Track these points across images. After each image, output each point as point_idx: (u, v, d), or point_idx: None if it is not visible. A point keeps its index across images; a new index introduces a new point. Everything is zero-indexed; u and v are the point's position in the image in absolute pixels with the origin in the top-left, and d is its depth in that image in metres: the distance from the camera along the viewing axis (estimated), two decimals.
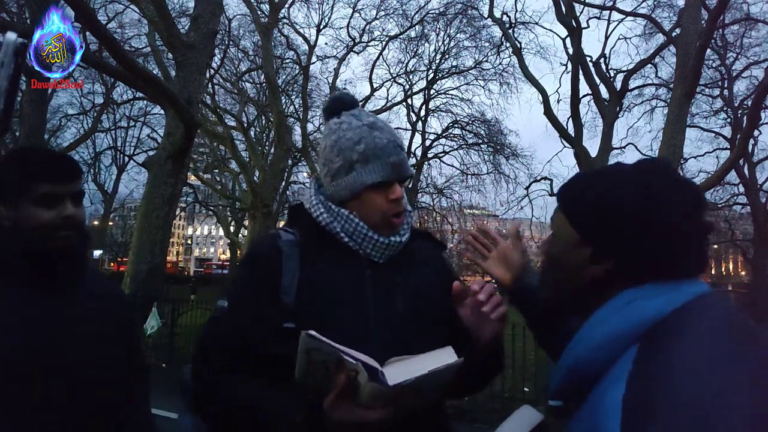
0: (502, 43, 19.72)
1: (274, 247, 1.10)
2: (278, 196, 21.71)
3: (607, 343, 0.65)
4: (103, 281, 1.29)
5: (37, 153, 1.20)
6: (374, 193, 1.08)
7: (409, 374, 0.84)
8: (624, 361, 0.62)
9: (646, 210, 0.69)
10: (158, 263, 9.27)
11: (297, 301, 1.03)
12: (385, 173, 1.07)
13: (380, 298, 1.07)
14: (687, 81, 9.76)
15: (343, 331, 0.98)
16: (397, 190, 1.08)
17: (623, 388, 0.59)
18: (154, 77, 8.75)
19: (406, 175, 1.12)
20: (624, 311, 0.67)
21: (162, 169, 9.23)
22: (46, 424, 1.02)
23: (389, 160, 1.07)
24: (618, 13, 18.40)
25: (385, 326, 1.04)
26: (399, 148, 1.11)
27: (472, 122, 21.43)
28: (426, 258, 1.18)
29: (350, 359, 0.83)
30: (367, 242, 1.08)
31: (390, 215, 1.09)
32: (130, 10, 16.87)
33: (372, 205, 1.09)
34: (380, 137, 1.09)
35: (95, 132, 23.71)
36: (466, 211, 25.26)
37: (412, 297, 1.09)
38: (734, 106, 19.82)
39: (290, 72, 21.60)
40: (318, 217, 1.10)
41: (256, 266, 1.10)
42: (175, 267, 51.80)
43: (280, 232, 1.15)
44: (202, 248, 72.92)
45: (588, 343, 0.67)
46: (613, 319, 0.67)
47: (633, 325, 0.65)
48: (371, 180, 1.07)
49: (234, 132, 19.04)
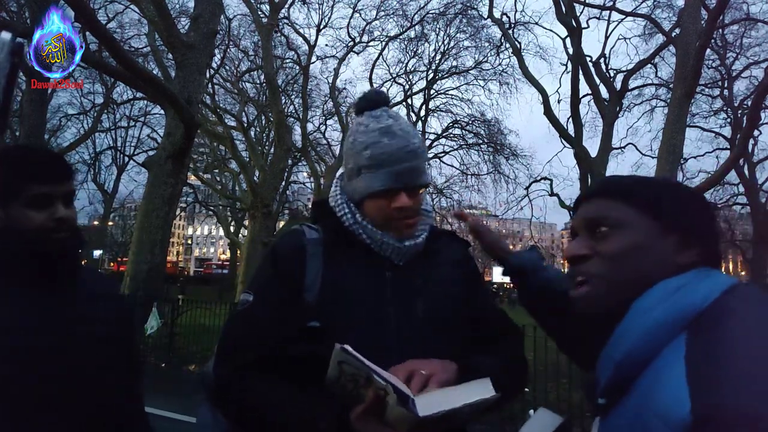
0: (501, 43, 19.73)
1: (298, 245, 1.10)
2: (278, 196, 21.72)
3: (656, 331, 0.66)
4: (102, 281, 1.28)
5: (27, 153, 1.16)
6: (379, 199, 1.08)
7: (441, 406, 0.81)
8: (675, 348, 0.63)
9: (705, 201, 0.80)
10: (158, 263, 9.27)
11: (319, 300, 1.03)
12: (388, 182, 1.06)
13: (400, 299, 1.06)
14: (687, 81, 9.76)
15: (363, 331, 0.98)
16: (402, 199, 1.06)
17: (683, 367, 0.60)
18: (154, 77, 8.74)
19: (416, 184, 1.08)
20: (674, 298, 0.68)
21: (162, 169, 9.23)
22: (46, 424, 1.02)
23: (395, 168, 1.06)
24: (618, 13, 18.41)
25: (405, 328, 1.04)
26: (411, 154, 1.07)
27: (472, 122, 21.46)
28: (449, 257, 1.18)
29: (379, 379, 0.81)
30: (385, 247, 1.08)
31: (397, 220, 1.08)
32: (130, 10, 16.89)
33: (378, 209, 1.09)
34: (389, 144, 1.07)
35: (95, 132, 23.71)
36: (466, 211, 25.26)
37: (433, 299, 1.08)
38: (734, 106, 19.81)
39: (290, 72, 21.62)
40: (342, 217, 1.11)
41: (280, 263, 1.10)
42: (175, 267, 51.83)
43: (304, 229, 1.14)
44: (202, 248, 72.92)
45: (637, 332, 0.67)
46: (662, 307, 0.67)
47: (683, 312, 0.66)
48: (374, 188, 1.07)
49: (234, 132, 19.04)
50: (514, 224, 53.78)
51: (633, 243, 0.75)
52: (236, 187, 24.22)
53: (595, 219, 0.79)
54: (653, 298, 0.69)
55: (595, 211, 0.80)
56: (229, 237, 29.34)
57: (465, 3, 19.19)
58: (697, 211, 0.77)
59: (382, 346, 0.99)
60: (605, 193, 0.81)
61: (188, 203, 28.60)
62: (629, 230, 0.76)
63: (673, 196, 0.78)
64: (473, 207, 25.55)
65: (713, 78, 19.76)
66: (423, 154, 1.10)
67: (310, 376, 0.96)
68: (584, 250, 0.78)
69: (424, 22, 19.86)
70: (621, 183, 0.82)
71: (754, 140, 20.42)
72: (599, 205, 0.80)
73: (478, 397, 0.85)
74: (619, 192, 0.79)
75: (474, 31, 19.91)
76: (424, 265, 1.12)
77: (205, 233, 67.33)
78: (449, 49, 20.85)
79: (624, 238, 0.75)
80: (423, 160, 1.10)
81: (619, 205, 0.78)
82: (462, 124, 21.77)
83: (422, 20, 19.80)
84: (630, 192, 0.79)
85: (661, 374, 0.62)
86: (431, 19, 19.84)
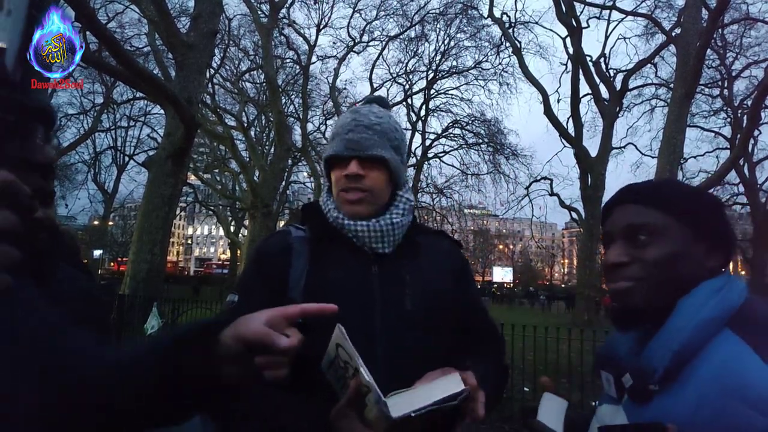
0: (501, 42, 19.77)
1: (283, 243, 1.10)
2: (278, 195, 21.73)
3: (707, 326, 0.75)
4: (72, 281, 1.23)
5: None
6: (336, 169, 1.12)
7: (413, 405, 0.83)
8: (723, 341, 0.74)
9: (724, 208, 0.88)
10: (158, 263, 9.28)
11: (305, 298, 1.03)
12: (337, 148, 1.10)
13: (387, 295, 1.06)
14: (687, 81, 9.76)
15: (350, 328, 0.98)
16: (351, 166, 1.08)
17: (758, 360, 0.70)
18: (154, 77, 8.74)
19: (365, 153, 1.09)
20: (718, 298, 0.77)
21: (162, 169, 9.24)
22: None
23: (345, 136, 1.10)
24: (618, 12, 18.42)
25: (391, 324, 1.03)
26: (364, 127, 1.10)
27: (472, 122, 21.49)
28: (438, 253, 1.17)
29: (365, 374, 0.82)
30: (360, 234, 1.08)
31: (344, 192, 1.10)
32: (130, 10, 16.91)
33: (334, 183, 1.12)
34: (347, 117, 1.14)
35: (95, 132, 23.77)
36: (466, 211, 25.29)
37: (421, 295, 1.08)
38: (734, 106, 19.83)
39: (290, 72, 21.64)
40: (327, 213, 1.12)
41: (264, 262, 1.11)
42: (175, 267, 51.84)
43: (291, 229, 1.15)
44: (202, 248, 72.95)
45: (690, 326, 0.76)
46: (710, 305, 0.76)
47: (727, 310, 0.76)
48: (327, 154, 1.13)
49: (234, 132, 19.05)
50: (514, 224, 53.72)
51: (672, 250, 0.82)
52: (236, 186, 24.25)
53: (634, 226, 0.84)
54: (700, 297, 0.78)
55: (634, 217, 0.85)
56: (229, 237, 29.38)
57: (465, 3, 19.22)
58: (721, 219, 0.85)
59: (367, 342, 0.98)
60: (642, 199, 0.86)
61: (188, 203, 28.64)
62: (668, 238, 0.83)
63: (704, 206, 0.86)
64: (473, 207, 25.56)
65: (713, 78, 19.79)
66: (381, 132, 1.11)
67: (294, 376, 0.96)
68: (625, 258, 0.84)
69: (424, 22, 19.91)
70: (659, 191, 0.88)
71: (754, 140, 20.47)
72: (637, 211, 0.85)
73: (449, 393, 0.86)
74: (657, 200, 0.85)
75: (474, 30, 19.98)
76: (412, 259, 1.12)
77: (205, 233, 67.42)
78: (449, 49, 20.91)
79: (665, 245, 0.82)
80: (379, 136, 1.11)
81: (658, 213, 0.84)
82: (462, 124, 21.81)
83: (422, 20, 19.84)
84: (668, 201, 0.85)
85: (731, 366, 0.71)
86: (431, 19, 19.91)
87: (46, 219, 1.07)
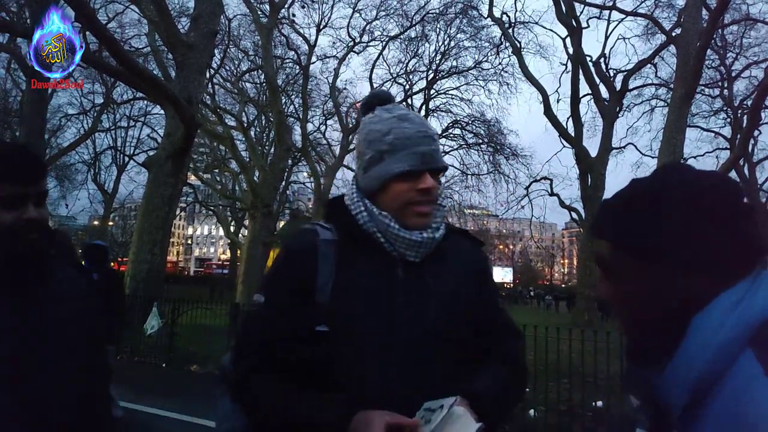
0: (501, 42, 19.75)
1: (310, 246, 1.08)
2: (278, 195, 21.73)
3: (728, 348, 0.63)
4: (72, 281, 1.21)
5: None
6: (402, 182, 1.07)
7: None
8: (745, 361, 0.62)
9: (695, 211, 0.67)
10: (158, 263, 9.28)
11: (330, 303, 1.03)
12: (413, 162, 1.06)
13: (410, 300, 1.06)
14: (687, 81, 9.77)
15: (371, 334, 0.99)
16: (427, 180, 1.06)
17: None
18: (154, 77, 8.74)
19: (437, 166, 1.10)
20: (737, 312, 0.64)
21: (162, 169, 9.24)
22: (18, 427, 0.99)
23: (417, 149, 1.06)
24: (618, 12, 18.43)
25: (413, 334, 1.04)
26: (429, 138, 1.09)
27: (472, 122, 21.46)
28: (461, 256, 1.16)
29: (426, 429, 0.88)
30: (400, 242, 1.06)
31: (416, 205, 1.07)
32: (130, 10, 16.94)
33: (398, 194, 1.07)
34: (409, 127, 1.09)
35: (95, 132, 23.74)
36: (466, 211, 25.27)
37: (444, 303, 1.08)
38: (734, 106, 19.83)
39: (290, 72, 21.63)
40: (357, 215, 1.10)
41: (291, 265, 1.10)
42: (175, 267, 51.81)
43: (317, 229, 1.12)
44: (202, 248, 72.94)
45: (710, 350, 0.64)
46: (729, 324, 0.64)
47: (749, 328, 0.63)
48: (398, 169, 1.06)
49: (234, 132, 19.04)
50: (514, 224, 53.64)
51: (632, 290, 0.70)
52: (236, 187, 24.23)
53: (596, 261, 0.75)
54: (716, 314, 0.65)
55: (595, 251, 0.75)
56: (229, 237, 29.35)
57: (465, 3, 19.21)
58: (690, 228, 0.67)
59: (387, 350, 1.00)
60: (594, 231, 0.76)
61: (188, 203, 28.63)
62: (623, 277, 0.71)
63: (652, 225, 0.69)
64: (473, 207, 25.54)
65: (713, 78, 19.78)
66: (438, 141, 1.13)
67: (317, 380, 0.97)
68: (605, 296, 0.75)
69: (425, 22, 19.89)
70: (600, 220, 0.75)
71: (754, 140, 20.47)
72: (596, 244, 0.75)
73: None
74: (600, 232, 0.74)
75: (474, 31, 19.94)
76: (436, 263, 1.11)
77: (205, 233, 67.40)
78: (449, 49, 20.88)
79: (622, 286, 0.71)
80: (437, 145, 1.12)
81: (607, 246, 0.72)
82: (462, 124, 21.78)
83: (422, 20, 19.82)
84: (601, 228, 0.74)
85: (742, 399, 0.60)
86: (431, 19, 19.88)
87: (40, 219, 1.06)
